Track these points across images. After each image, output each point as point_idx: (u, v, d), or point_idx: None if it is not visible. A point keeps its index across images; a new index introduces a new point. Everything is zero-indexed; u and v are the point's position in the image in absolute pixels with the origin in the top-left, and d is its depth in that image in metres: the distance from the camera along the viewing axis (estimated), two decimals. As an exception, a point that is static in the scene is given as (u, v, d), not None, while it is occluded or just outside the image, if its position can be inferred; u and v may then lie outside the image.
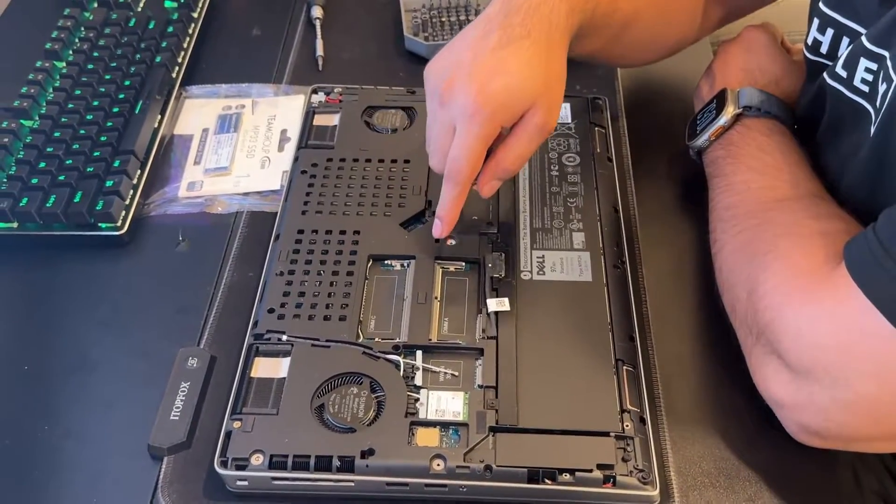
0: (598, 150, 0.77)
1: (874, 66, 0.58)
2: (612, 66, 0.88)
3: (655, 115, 0.85)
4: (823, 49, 0.66)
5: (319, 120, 0.80)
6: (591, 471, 0.55)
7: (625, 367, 0.61)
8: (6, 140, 0.76)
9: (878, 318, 0.49)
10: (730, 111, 0.70)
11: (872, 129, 0.57)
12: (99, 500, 0.58)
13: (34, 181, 0.73)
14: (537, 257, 0.68)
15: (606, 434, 0.57)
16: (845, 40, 0.63)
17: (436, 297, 0.65)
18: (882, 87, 0.56)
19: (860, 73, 0.59)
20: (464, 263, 0.68)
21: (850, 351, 0.51)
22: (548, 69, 0.62)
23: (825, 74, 0.63)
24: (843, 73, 0.61)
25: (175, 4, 0.93)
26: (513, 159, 0.63)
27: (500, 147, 0.63)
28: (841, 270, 0.52)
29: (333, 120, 0.79)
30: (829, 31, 0.64)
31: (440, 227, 0.66)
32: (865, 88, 0.59)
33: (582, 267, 0.67)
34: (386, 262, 0.68)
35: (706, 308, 0.68)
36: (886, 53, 0.56)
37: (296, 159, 0.76)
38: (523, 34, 0.61)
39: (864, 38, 0.58)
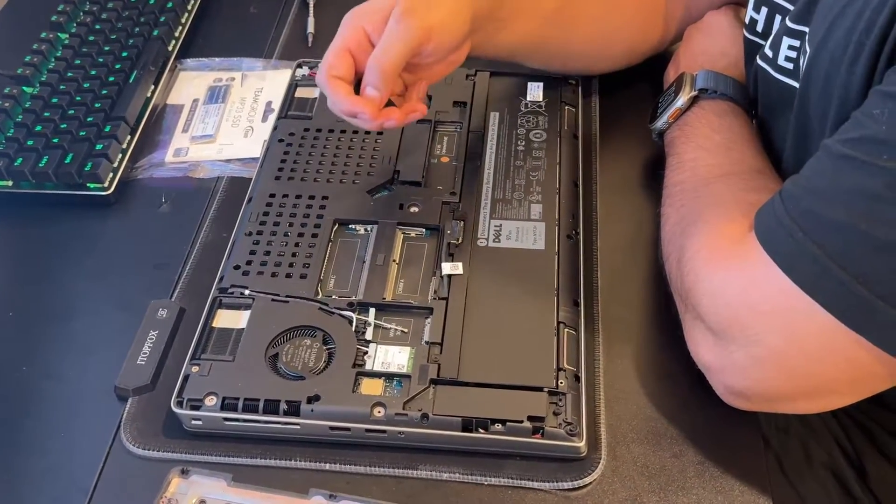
0: (567, 127, 0.80)
1: (796, 44, 0.60)
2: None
3: (629, 95, 0.87)
4: (759, 27, 0.68)
5: (301, 92, 0.83)
6: (521, 422, 0.58)
7: (566, 330, 0.64)
8: (7, 105, 0.81)
9: (779, 273, 0.51)
10: (686, 93, 0.72)
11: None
12: (67, 435, 0.62)
13: (29, 143, 0.78)
14: (495, 226, 0.71)
15: (540, 389, 0.60)
16: (777, 18, 0.65)
17: (394, 260, 0.69)
18: (801, 61, 0.58)
19: (783, 52, 0.61)
20: (424, 229, 0.71)
21: (758, 307, 0.53)
22: None
23: (757, 56, 0.66)
24: (770, 54, 0.63)
25: (175, -19, 0.97)
26: (378, 48, 0.63)
27: None
28: (752, 233, 0.54)
29: (314, 93, 0.83)
30: (764, 10, 0.66)
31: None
32: (789, 66, 0.61)
33: (536, 236, 0.70)
34: (351, 226, 0.72)
35: (654, 278, 0.70)
36: (806, 29, 0.58)
37: (275, 128, 0.80)
38: None
39: (787, 18, 0.60)
